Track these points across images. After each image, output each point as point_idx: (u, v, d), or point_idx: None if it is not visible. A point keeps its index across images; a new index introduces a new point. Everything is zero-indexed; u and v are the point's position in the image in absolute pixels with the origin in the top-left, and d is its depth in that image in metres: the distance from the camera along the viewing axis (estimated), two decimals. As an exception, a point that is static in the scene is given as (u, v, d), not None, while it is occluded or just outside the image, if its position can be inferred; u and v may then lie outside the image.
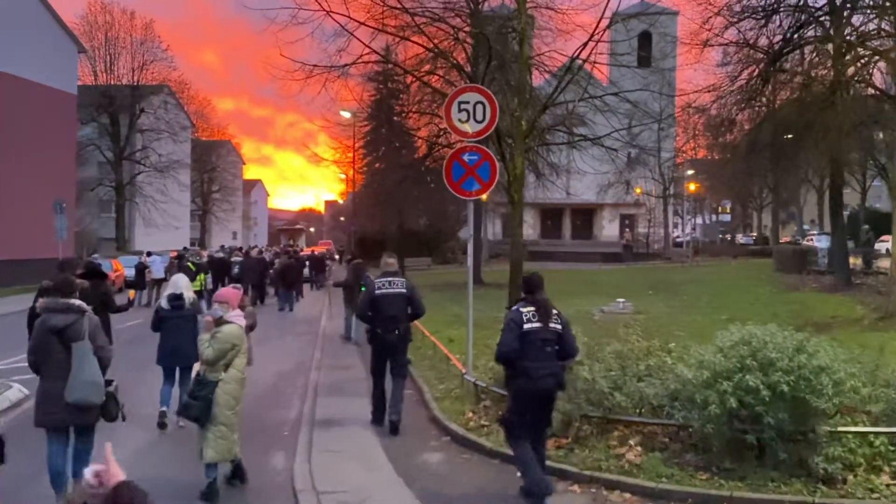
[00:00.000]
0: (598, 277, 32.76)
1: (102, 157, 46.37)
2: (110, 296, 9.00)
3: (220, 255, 28.08)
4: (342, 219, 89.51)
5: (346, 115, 39.55)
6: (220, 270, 24.01)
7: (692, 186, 48.23)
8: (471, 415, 7.66)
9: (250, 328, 8.98)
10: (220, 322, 5.87)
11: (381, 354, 8.15)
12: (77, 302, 5.58)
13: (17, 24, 29.31)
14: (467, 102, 8.14)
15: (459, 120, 8.20)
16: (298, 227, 74.86)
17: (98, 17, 44.79)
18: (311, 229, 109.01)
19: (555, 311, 5.81)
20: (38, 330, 5.53)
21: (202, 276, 17.82)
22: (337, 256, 57.47)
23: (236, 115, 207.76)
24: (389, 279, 8.07)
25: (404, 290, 8.07)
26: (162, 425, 7.94)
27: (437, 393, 9.17)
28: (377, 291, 7.98)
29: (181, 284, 8.41)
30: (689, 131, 48.81)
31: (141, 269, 23.32)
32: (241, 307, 8.78)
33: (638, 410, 6.54)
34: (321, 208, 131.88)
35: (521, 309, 5.69)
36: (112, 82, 46.06)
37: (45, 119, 30.67)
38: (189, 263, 17.65)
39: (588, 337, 9.11)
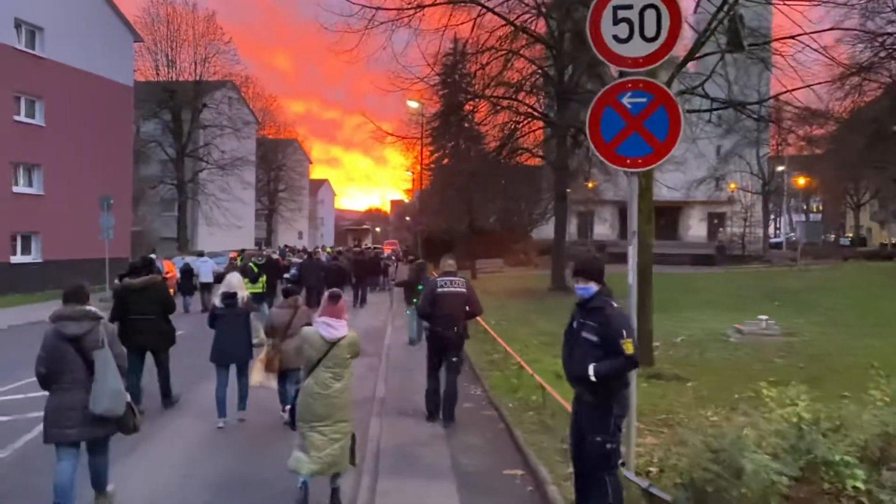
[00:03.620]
0: (697, 284, 28.68)
1: (164, 155, 44.89)
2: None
3: (275, 255, 25.61)
4: (407, 218, 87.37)
5: (414, 105, 36.72)
6: (272, 272, 21.74)
7: (801, 181, 43.14)
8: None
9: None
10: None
11: (437, 351, 8.37)
12: (92, 309, 5.32)
13: (71, 13, 27.52)
14: (628, 7, 4.82)
15: (616, 38, 4.88)
16: (365, 226, 72.64)
17: (160, 10, 43.27)
18: (377, 229, 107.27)
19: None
20: (50, 340, 5.18)
21: (264, 277, 16.57)
22: (402, 257, 54.90)
23: (306, 118, 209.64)
24: (450, 279, 8.37)
25: (463, 290, 8.35)
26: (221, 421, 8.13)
27: (569, 483, 5.82)
28: (438, 290, 8.27)
29: (234, 283, 8.46)
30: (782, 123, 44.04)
31: (186, 271, 20.80)
32: (295, 306, 8.35)
33: None
34: (387, 208, 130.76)
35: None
36: (174, 77, 44.49)
37: (100, 111, 28.87)
38: (252, 264, 16.68)
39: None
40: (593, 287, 4.76)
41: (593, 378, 4.50)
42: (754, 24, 13.05)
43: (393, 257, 38.54)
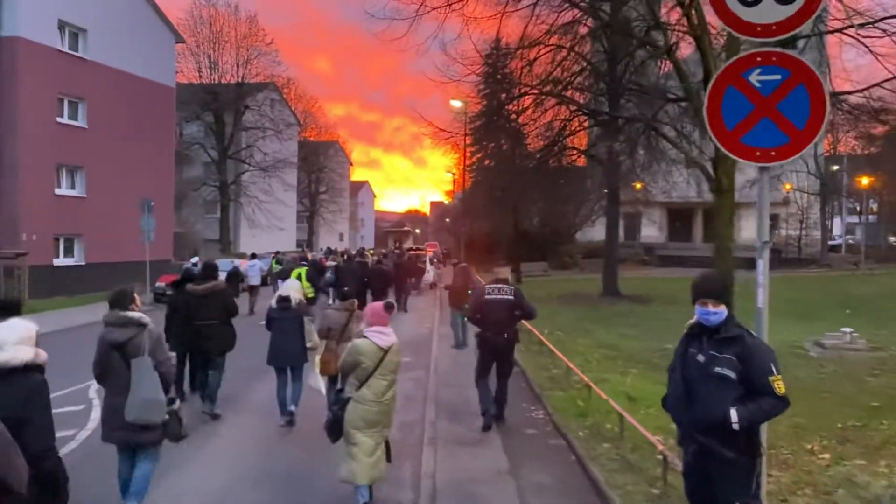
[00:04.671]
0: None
1: (207, 157, 44.91)
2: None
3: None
4: (447, 220, 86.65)
5: (457, 104, 35.91)
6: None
7: (864, 181, 41.01)
8: None
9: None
10: (358, 335, 5.81)
11: (488, 357, 8.44)
12: (137, 315, 5.27)
13: (114, 15, 27.35)
14: (760, -40, 3.87)
15: (741, 0, 3.92)
16: (405, 228, 72.07)
17: (202, 12, 43.27)
18: (417, 231, 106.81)
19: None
20: (100, 344, 5.23)
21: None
22: (443, 259, 54.12)
23: (346, 120, 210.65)
24: (498, 286, 8.47)
25: (511, 297, 8.40)
26: (290, 423, 8.43)
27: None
28: (486, 297, 8.42)
29: (291, 287, 8.82)
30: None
31: (234, 274, 20.24)
32: (352, 309, 8.34)
33: None
34: (426, 210, 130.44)
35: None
36: (217, 79, 44.48)
37: (142, 113, 28.66)
38: (303, 269, 16.82)
39: None
40: (724, 311, 3.83)
41: (737, 426, 3.56)
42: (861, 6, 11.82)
43: (435, 259, 37.70)
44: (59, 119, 25.23)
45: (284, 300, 8.49)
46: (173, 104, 32.58)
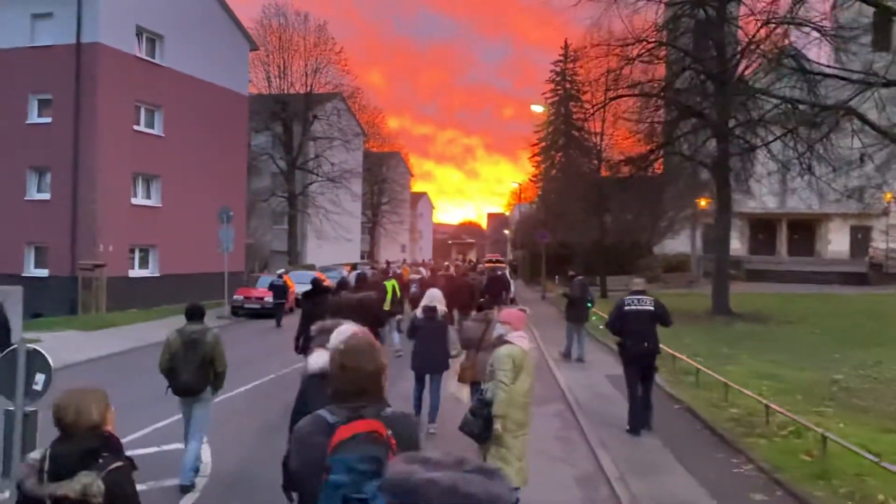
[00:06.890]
0: (878, 308, 24.60)
1: (275, 167, 44.31)
2: None
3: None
4: (506, 231, 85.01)
5: (539, 109, 34.37)
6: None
7: None
8: None
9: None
10: (500, 342, 5.71)
11: (631, 365, 8.59)
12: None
13: (190, 21, 26.68)
14: None
15: None
16: (469, 241, 70.63)
17: (272, 21, 42.78)
18: (471, 241, 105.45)
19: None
20: None
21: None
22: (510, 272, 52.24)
23: (399, 133, 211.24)
24: (639, 297, 8.65)
25: (652, 308, 8.54)
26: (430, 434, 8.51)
27: None
28: (626, 308, 8.55)
29: (435, 297, 9.08)
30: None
31: (342, 283, 18.98)
32: (487, 320, 8.01)
33: None
34: (481, 221, 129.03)
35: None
36: (286, 89, 43.94)
37: (216, 121, 27.88)
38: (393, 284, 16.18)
39: None
40: None
41: None
42: None
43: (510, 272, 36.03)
44: (135, 127, 24.55)
45: (431, 310, 8.77)
46: (246, 113, 31.86)
